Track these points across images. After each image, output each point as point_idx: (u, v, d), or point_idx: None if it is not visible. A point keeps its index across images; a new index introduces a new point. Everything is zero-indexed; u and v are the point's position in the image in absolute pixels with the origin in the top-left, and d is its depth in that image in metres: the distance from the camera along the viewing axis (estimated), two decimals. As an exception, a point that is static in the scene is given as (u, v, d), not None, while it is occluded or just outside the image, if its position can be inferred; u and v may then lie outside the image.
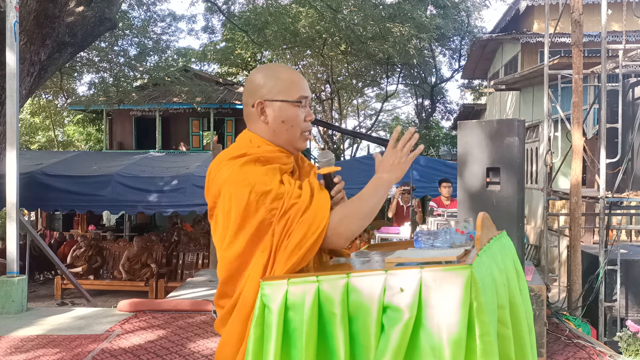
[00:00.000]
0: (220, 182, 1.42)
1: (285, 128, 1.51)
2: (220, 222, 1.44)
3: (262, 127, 1.52)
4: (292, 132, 1.52)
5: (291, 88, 1.51)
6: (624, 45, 5.73)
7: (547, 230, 6.76)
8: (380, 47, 17.55)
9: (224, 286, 1.45)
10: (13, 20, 5.79)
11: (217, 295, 1.48)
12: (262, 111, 1.51)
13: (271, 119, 1.50)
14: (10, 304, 5.54)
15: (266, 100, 1.50)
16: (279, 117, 1.50)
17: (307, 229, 1.36)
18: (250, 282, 1.38)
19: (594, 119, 8.41)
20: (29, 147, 22.37)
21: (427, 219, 6.54)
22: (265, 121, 1.51)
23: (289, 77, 1.53)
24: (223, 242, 1.44)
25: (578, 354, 4.21)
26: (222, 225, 1.43)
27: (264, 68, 1.58)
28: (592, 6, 12.98)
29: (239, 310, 1.39)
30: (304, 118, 1.53)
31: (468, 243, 1.50)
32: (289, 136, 1.52)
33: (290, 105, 1.50)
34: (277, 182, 1.40)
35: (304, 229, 1.36)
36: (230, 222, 1.39)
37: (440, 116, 28.23)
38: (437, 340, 1.16)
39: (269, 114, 1.50)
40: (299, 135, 1.54)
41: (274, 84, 1.51)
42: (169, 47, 17.26)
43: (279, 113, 1.50)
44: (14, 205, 5.79)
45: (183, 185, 9.14)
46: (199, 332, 4.81)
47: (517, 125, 3.90)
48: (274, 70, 1.56)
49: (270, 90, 1.50)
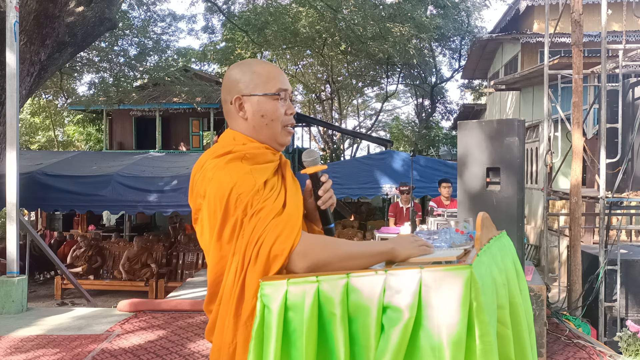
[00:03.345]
0: (205, 183, 1.38)
1: (265, 122, 1.46)
2: (207, 224, 1.39)
3: (242, 123, 1.48)
4: (273, 127, 1.48)
5: (268, 81, 1.47)
6: (624, 45, 5.73)
7: (547, 230, 6.76)
8: (380, 47, 17.57)
9: (210, 289, 1.42)
10: (13, 20, 5.79)
11: (206, 300, 1.45)
12: (241, 107, 1.47)
13: (250, 114, 1.46)
14: (10, 304, 5.54)
15: (244, 95, 1.46)
16: (258, 111, 1.46)
17: (277, 236, 1.30)
18: (226, 286, 1.35)
19: (594, 119, 8.41)
20: (29, 147, 22.37)
21: (427, 219, 6.53)
22: (244, 117, 1.47)
23: (266, 71, 1.49)
24: (209, 245, 1.39)
25: (578, 354, 4.21)
26: (208, 227, 1.38)
27: (240, 64, 1.53)
28: (592, 6, 12.98)
29: (221, 314, 1.37)
30: (285, 111, 1.49)
31: (468, 243, 1.50)
32: (270, 131, 1.48)
33: (268, 99, 1.46)
34: (260, 183, 1.35)
35: (274, 235, 1.30)
36: (217, 222, 1.35)
37: (440, 116, 28.27)
38: (437, 341, 1.16)
39: (248, 109, 1.46)
40: (281, 130, 1.49)
41: (250, 78, 1.47)
42: (169, 47, 17.25)
43: (257, 107, 1.46)
44: (14, 205, 5.79)
45: (183, 185, 9.14)
46: (199, 332, 4.81)
47: (517, 125, 3.90)
48: (250, 65, 1.51)
49: (247, 85, 1.46)
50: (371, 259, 1.38)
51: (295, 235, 1.32)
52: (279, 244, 1.30)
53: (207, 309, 1.44)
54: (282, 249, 1.30)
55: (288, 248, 1.30)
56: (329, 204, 1.55)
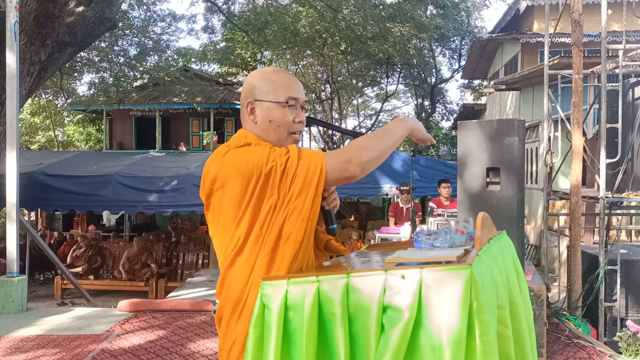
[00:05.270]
0: (216, 166, 1.47)
1: (272, 128, 1.56)
2: (226, 204, 1.45)
3: (252, 126, 1.58)
4: (280, 132, 1.56)
5: (280, 89, 1.56)
6: (624, 45, 5.73)
7: (547, 230, 6.76)
8: (380, 47, 17.55)
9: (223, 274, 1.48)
10: (13, 20, 5.79)
11: (217, 288, 1.50)
12: (252, 111, 1.57)
13: (259, 119, 1.56)
14: (10, 304, 5.54)
15: (256, 100, 1.57)
16: (267, 116, 1.56)
17: (307, 170, 1.42)
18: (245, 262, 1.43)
19: (594, 119, 8.40)
20: (29, 147, 22.37)
21: (427, 219, 6.53)
22: (254, 120, 1.57)
23: (280, 79, 1.58)
24: (225, 229, 1.46)
25: (578, 354, 4.21)
26: (229, 206, 1.45)
27: (260, 71, 1.64)
28: (592, 6, 12.98)
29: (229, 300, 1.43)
30: (293, 119, 1.57)
31: (468, 243, 1.50)
32: (277, 136, 1.56)
33: (277, 106, 1.55)
34: (270, 150, 1.47)
35: (304, 171, 1.41)
36: (238, 198, 1.43)
37: (440, 116, 28.25)
38: (437, 341, 1.16)
39: (258, 114, 1.56)
40: (287, 136, 1.58)
41: (264, 85, 1.57)
42: (169, 47, 17.22)
43: (266, 113, 1.56)
44: (14, 205, 5.79)
45: (183, 185, 9.14)
46: (199, 332, 4.81)
47: (517, 125, 3.90)
48: (267, 73, 1.62)
49: (260, 91, 1.57)
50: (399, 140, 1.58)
51: (322, 162, 1.45)
52: (312, 174, 1.43)
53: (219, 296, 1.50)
54: (316, 164, 1.43)
55: (322, 173, 1.43)
56: (333, 204, 1.60)
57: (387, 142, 1.53)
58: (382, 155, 1.52)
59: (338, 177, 1.45)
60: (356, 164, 1.45)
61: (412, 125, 1.60)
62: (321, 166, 1.43)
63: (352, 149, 1.48)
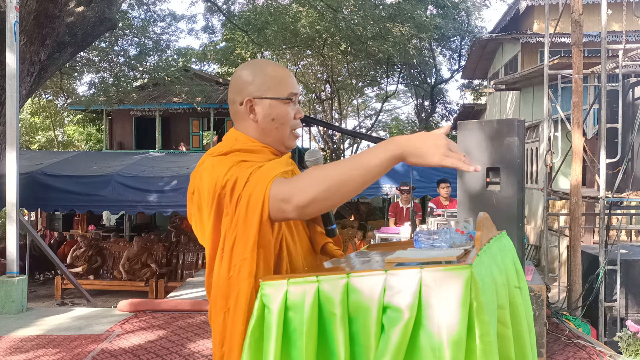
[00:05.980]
0: (194, 179, 1.39)
1: (274, 126, 1.46)
2: (202, 218, 1.38)
3: (251, 125, 1.47)
4: (282, 130, 1.47)
5: (281, 85, 1.46)
6: (624, 45, 5.73)
7: (547, 230, 6.76)
8: (380, 47, 17.57)
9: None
10: (13, 20, 5.79)
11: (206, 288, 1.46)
12: (252, 109, 1.45)
13: (261, 117, 1.45)
14: (10, 304, 5.54)
15: (255, 97, 1.45)
16: (269, 115, 1.45)
17: (249, 197, 1.25)
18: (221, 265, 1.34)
19: (594, 119, 8.40)
20: (29, 147, 22.37)
21: (427, 219, 6.53)
22: (254, 119, 1.46)
23: (278, 74, 1.47)
24: (203, 242, 1.40)
25: (578, 354, 4.21)
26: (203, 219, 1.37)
27: (250, 64, 1.52)
28: (592, 6, 12.98)
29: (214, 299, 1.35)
30: (294, 115, 1.48)
31: (468, 243, 1.50)
32: (279, 134, 1.47)
33: (280, 103, 1.45)
34: (233, 164, 1.34)
35: (246, 198, 1.26)
36: (210, 214, 1.34)
37: (440, 116, 28.24)
38: (437, 341, 1.16)
39: (259, 112, 1.45)
40: (289, 134, 1.49)
41: (262, 80, 1.45)
42: (169, 47, 17.24)
43: (269, 111, 1.45)
44: (14, 205, 5.79)
45: (183, 185, 9.14)
46: (199, 332, 4.81)
47: (517, 125, 3.90)
48: (261, 66, 1.50)
49: (259, 88, 1.45)
50: (372, 173, 1.21)
51: (268, 181, 1.25)
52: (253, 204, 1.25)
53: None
54: (258, 194, 1.24)
55: (263, 203, 1.24)
56: None
57: (350, 174, 1.20)
58: (338, 193, 1.21)
59: (275, 218, 1.26)
60: (294, 207, 1.23)
61: (403, 150, 1.20)
62: (263, 199, 1.24)
63: (298, 183, 1.23)
